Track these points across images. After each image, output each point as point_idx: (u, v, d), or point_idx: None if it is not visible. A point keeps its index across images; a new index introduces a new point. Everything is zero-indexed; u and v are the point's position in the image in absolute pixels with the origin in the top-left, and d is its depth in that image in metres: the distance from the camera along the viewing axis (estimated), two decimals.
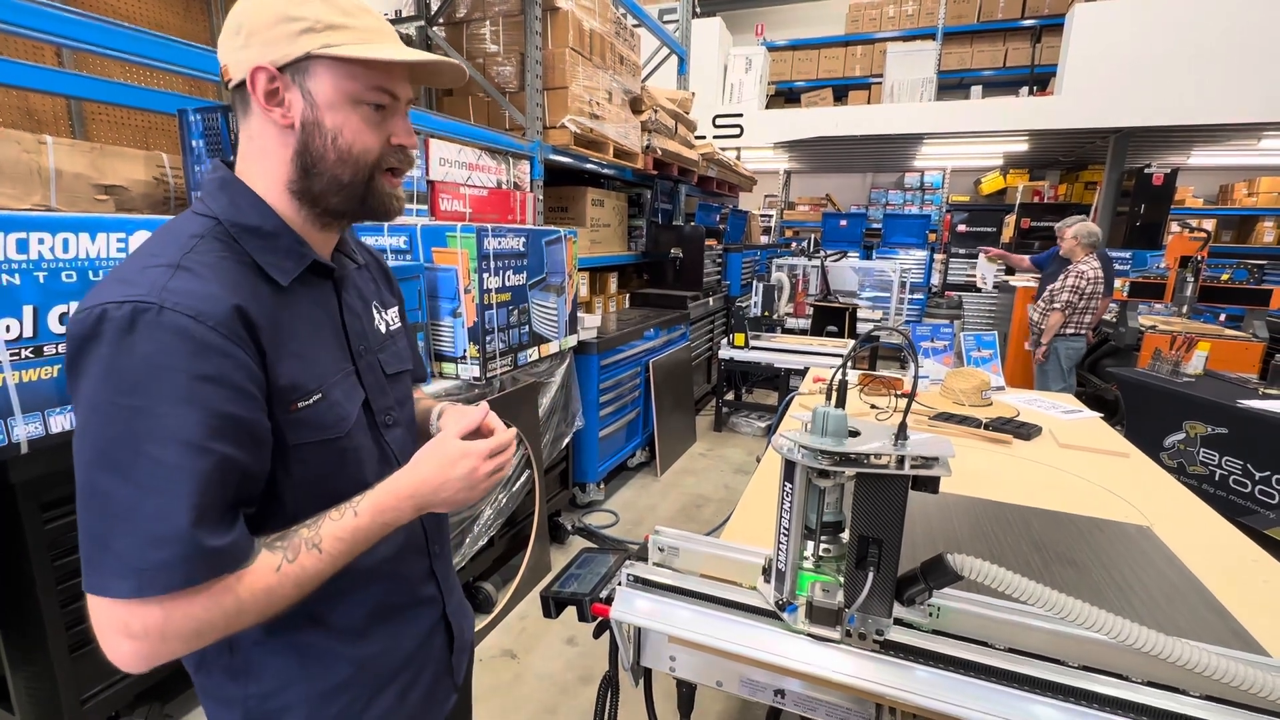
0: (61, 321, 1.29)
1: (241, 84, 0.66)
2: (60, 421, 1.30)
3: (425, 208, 2.59)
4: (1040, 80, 7.34)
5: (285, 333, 0.66)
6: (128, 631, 0.56)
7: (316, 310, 0.73)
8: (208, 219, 0.67)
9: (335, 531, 0.65)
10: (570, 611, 0.93)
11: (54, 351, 1.28)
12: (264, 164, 0.69)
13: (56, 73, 1.70)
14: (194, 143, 1.77)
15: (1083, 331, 4.08)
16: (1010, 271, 6.17)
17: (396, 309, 0.90)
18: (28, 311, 1.24)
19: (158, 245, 0.64)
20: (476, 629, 2.27)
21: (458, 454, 0.71)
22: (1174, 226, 6.30)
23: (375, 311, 0.83)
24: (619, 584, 0.95)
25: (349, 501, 0.68)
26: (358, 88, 0.67)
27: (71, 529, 1.39)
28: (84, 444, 0.56)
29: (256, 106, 0.66)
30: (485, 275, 2.23)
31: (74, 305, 1.30)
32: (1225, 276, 4.51)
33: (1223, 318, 5.01)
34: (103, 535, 0.55)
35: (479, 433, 0.78)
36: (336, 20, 0.65)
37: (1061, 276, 4.11)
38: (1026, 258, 5.40)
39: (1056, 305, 4.04)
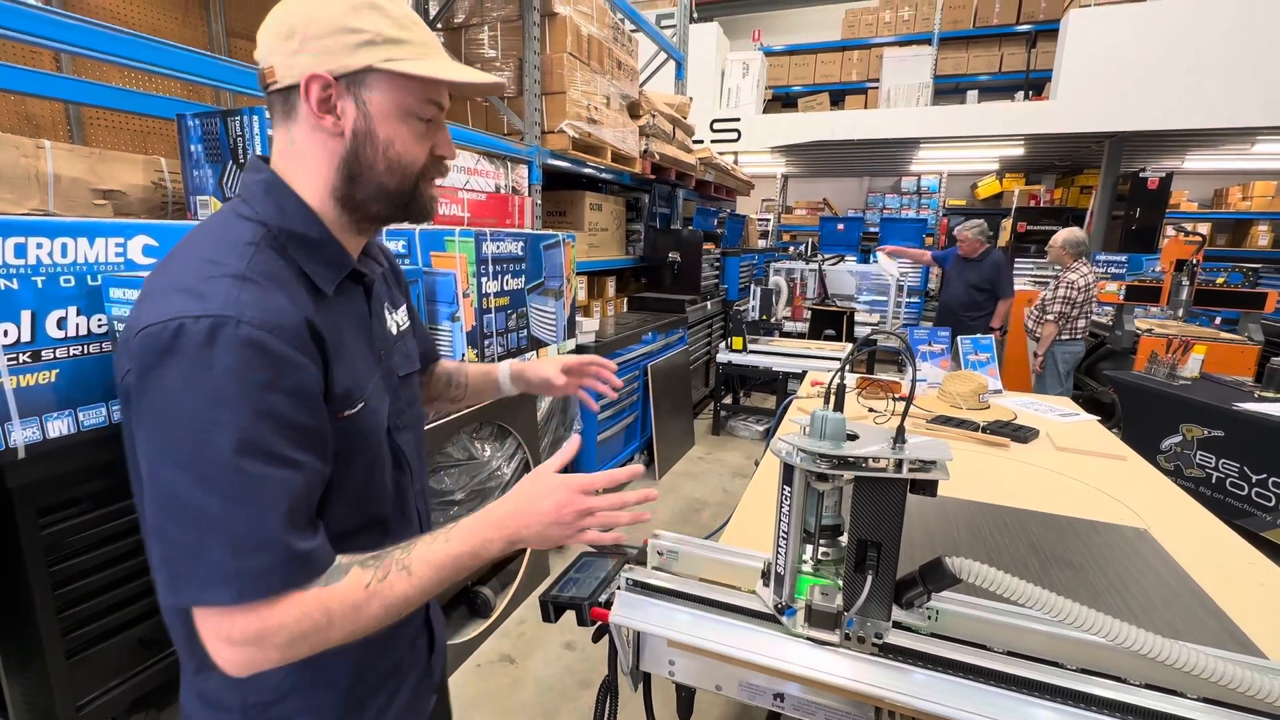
0: (59, 326, 1.29)
1: (288, 88, 0.66)
2: (58, 426, 1.30)
3: None
4: (1036, 85, 7.37)
5: (336, 342, 0.67)
6: (229, 639, 0.57)
7: (352, 317, 0.74)
8: (256, 225, 0.66)
9: (427, 555, 0.65)
10: (569, 616, 0.93)
11: (51, 356, 1.28)
12: (306, 169, 0.69)
13: (55, 77, 1.71)
14: (192, 148, 1.78)
15: (1079, 336, 4.10)
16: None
17: (405, 307, 0.91)
18: (25, 316, 1.24)
19: (215, 251, 0.63)
20: (475, 634, 2.27)
21: (550, 488, 0.71)
22: (1169, 230, 6.33)
23: (387, 313, 0.84)
24: (618, 588, 0.95)
25: (442, 529, 0.68)
26: (412, 101, 0.68)
27: (68, 535, 1.39)
28: (164, 459, 0.56)
29: (306, 113, 0.66)
30: (483, 279, 2.23)
31: (72, 310, 1.30)
32: (1220, 280, 4.51)
33: (1218, 321, 5.03)
34: (194, 546, 0.56)
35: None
36: (396, 34, 0.66)
37: (1052, 286, 4.14)
38: (928, 253, 5.46)
39: (1049, 316, 4.06)
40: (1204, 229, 6.87)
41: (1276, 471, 2.74)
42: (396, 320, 0.86)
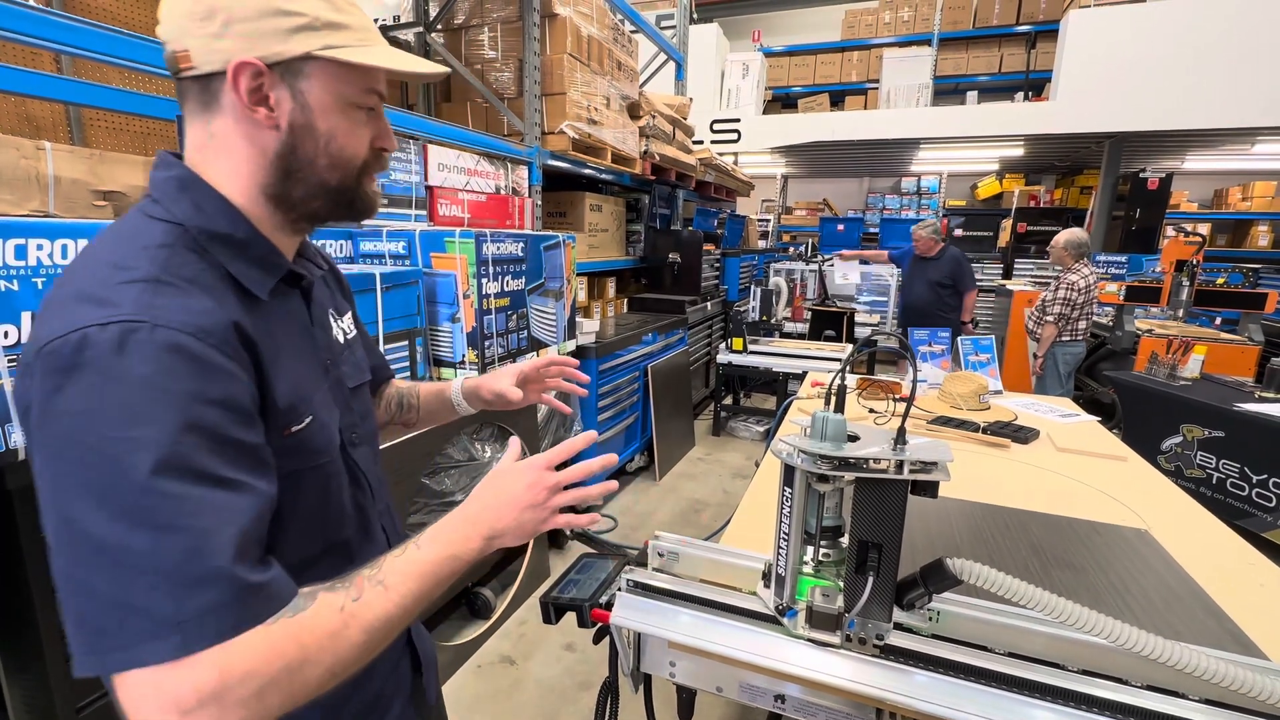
0: None
1: (208, 75, 0.59)
2: None
3: (424, 213, 2.59)
4: (1035, 85, 7.38)
5: (273, 351, 0.61)
6: (180, 706, 0.45)
7: (291, 324, 0.68)
8: (170, 225, 0.59)
9: (401, 567, 0.58)
10: (569, 617, 0.93)
11: None
12: (229, 164, 0.62)
13: (55, 79, 1.71)
14: None
15: (1079, 337, 4.10)
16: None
17: (350, 315, 0.85)
18: (26, 318, 1.24)
19: (120, 256, 0.55)
20: (475, 635, 2.27)
21: (516, 472, 0.67)
22: (1169, 231, 6.33)
23: (332, 320, 0.78)
24: (619, 589, 0.95)
25: (410, 539, 0.62)
26: (354, 91, 0.63)
27: None
28: (73, 494, 0.47)
29: (232, 103, 0.60)
30: (484, 280, 2.23)
31: None
32: (1220, 280, 4.52)
33: (1218, 321, 5.03)
34: (119, 596, 0.46)
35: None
36: (334, 18, 0.60)
37: (1052, 287, 4.14)
38: (885, 253, 5.48)
39: (1049, 318, 4.06)
40: (1204, 229, 6.87)
41: (1277, 472, 2.74)
42: (343, 327, 0.80)
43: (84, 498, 0.47)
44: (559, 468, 0.70)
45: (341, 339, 0.79)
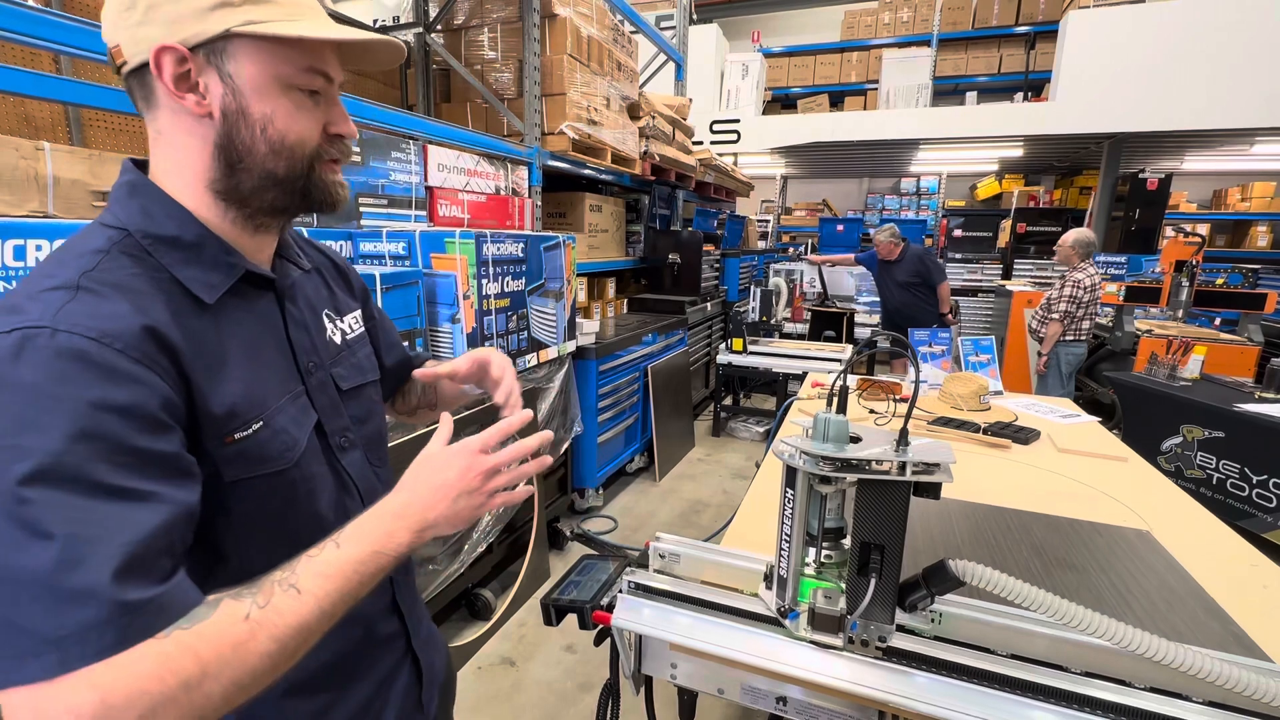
0: None
1: (141, 68, 0.57)
2: None
3: (424, 213, 2.59)
4: (1035, 86, 7.39)
5: (215, 356, 0.58)
6: None
7: (255, 327, 0.64)
8: (114, 230, 0.58)
9: (316, 568, 0.54)
10: (569, 619, 0.93)
11: None
12: (177, 160, 0.60)
13: (54, 79, 1.70)
14: None
15: (1083, 337, 4.10)
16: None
17: (358, 313, 0.82)
18: None
19: (54, 265, 0.54)
20: (475, 636, 2.26)
21: (447, 457, 0.62)
22: (1169, 231, 6.34)
23: (327, 321, 0.75)
24: (620, 591, 0.95)
25: (329, 536, 0.57)
26: (288, 70, 0.59)
27: None
28: None
29: (163, 93, 0.57)
30: (484, 281, 2.23)
31: None
32: (1220, 281, 4.52)
33: (1218, 322, 5.04)
34: (4, 610, 0.43)
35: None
36: None
37: (1058, 286, 4.14)
38: (852, 255, 5.52)
39: (1054, 315, 4.06)
40: (1203, 230, 6.88)
41: (1277, 472, 2.74)
42: (342, 328, 0.77)
43: None
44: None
45: (339, 339, 0.76)
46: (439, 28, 3.46)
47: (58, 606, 0.44)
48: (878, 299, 6.45)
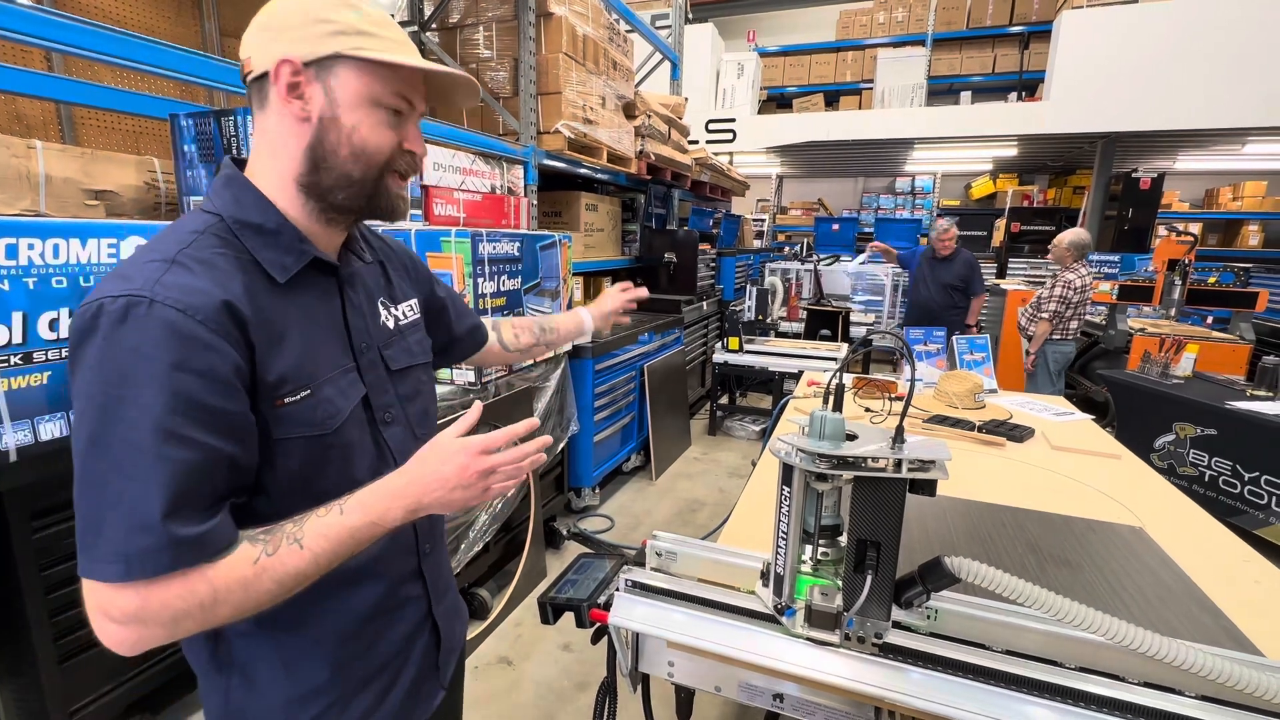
0: (52, 328, 1.28)
1: (262, 76, 0.68)
2: (49, 429, 1.29)
3: (419, 212, 2.58)
4: (1029, 86, 7.42)
5: (278, 329, 0.67)
6: (109, 615, 0.58)
7: (317, 307, 0.74)
8: (210, 216, 0.69)
9: (319, 528, 0.65)
10: (566, 617, 0.93)
11: (43, 358, 1.27)
12: (275, 159, 0.71)
13: (46, 77, 1.69)
14: (185, 148, 1.76)
15: (1070, 337, 4.12)
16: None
17: (414, 302, 0.91)
18: (17, 318, 1.22)
19: (160, 241, 0.66)
20: (471, 635, 2.26)
21: (451, 452, 0.70)
22: (1161, 230, 6.38)
23: (381, 308, 0.84)
24: (617, 589, 0.95)
25: (338, 500, 0.67)
26: (379, 90, 0.70)
27: (60, 538, 1.38)
28: (80, 433, 0.58)
29: (275, 98, 0.68)
30: (480, 280, 2.22)
31: (64, 311, 1.29)
32: (1212, 279, 4.55)
33: (1210, 320, 5.06)
34: (96, 521, 0.57)
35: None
36: (367, 28, 0.69)
37: (1049, 285, 4.16)
38: (896, 252, 5.51)
39: (1044, 315, 4.07)
40: (1195, 229, 6.91)
41: (1268, 469, 2.76)
42: (395, 314, 0.86)
43: (84, 437, 0.58)
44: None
45: (392, 324, 0.85)
46: (434, 26, 3.45)
47: (130, 530, 0.57)
48: (879, 298, 6.50)
